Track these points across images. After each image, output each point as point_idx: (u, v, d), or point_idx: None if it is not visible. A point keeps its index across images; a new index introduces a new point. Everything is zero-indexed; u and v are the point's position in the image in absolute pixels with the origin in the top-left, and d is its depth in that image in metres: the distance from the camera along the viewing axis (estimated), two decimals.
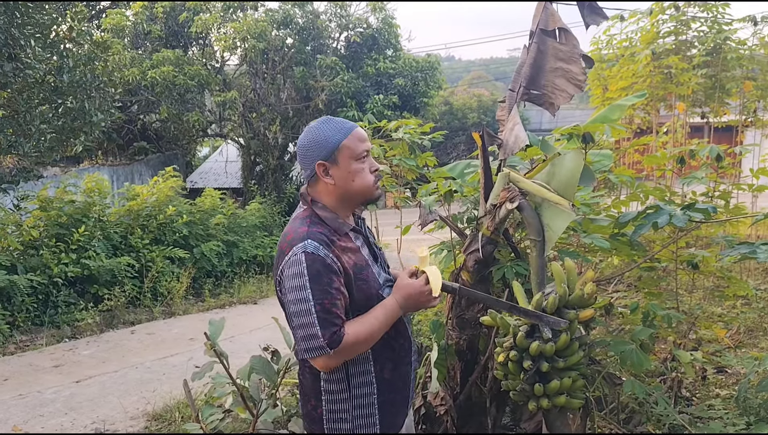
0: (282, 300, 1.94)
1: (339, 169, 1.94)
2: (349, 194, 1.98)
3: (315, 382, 1.98)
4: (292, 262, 1.83)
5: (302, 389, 2.06)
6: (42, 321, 7.14)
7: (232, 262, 10.18)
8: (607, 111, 3.53)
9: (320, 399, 1.97)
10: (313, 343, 1.80)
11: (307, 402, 2.03)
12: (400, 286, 1.98)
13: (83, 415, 4.70)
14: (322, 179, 1.94)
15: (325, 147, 1.92)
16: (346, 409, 1.95)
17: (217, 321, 3.07)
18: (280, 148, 14.07)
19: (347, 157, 1.94)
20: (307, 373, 2.00)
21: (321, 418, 1.97)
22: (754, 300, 5.97)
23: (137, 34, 13.03)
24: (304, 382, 2.04)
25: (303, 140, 1.97)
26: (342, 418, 1.96)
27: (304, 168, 1.98)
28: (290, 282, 1.83)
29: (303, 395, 2.06)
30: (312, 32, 12.95)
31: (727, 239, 3.22)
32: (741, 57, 7.98)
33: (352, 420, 1.96)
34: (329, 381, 1.95)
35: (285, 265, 1.85)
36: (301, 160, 1.99)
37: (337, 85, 12.48)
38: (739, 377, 4.20)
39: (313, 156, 1.93)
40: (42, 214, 7.99)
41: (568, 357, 2.36)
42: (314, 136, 1.94)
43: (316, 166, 1.93)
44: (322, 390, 1.96)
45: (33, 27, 6.36)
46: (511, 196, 2.56)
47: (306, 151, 1.95)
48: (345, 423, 1.96)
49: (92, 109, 7.22)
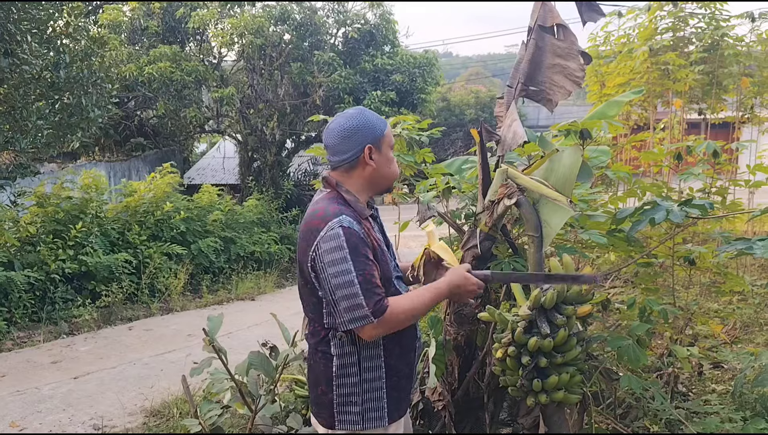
0: (316, 278, 1.95)
1: (380, 155, 2.05)
2: (380, 179, 2.08)
3: (327, 368, 2.01)
4: (329, 236, 1.88)
5: (312, 376, 2.09)
6: (39, 317, 7.13)
7: (230, 259, 10.18)
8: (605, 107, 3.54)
9: (331, 384, 2.01)
10: (358, 313, 1.86)
11: (316, 388, 2.07)
12: (457, 273, 2.07)
13: (81, 411, 4.71)
14: (366, 162, 2.02)
15: (374, 132, 2.02)
16: (357, 392, 2.00)
17: (215, 317, 3.08)
18: (278, 144, 14.04)
19: (387, 144, 2.07)
20: (320, 358, 2.04)
21: (331, 402, 2.02)
22: (750, 296, 5.99)
23: (134, 29, 12.97)
24: (315, 368, 2.07)
25: (349, 123, 2.01)
26: (352, 402, 2.00)
27: (344, 151, 2.02)
28: (330, 256, 1.87)
29: (313, 382, 2.09)
30: (309, 28, 12.90)
31: (724, 235, 3.24)
32: (738, 53, 7.99)
33: (362, 404, 2.01)
34: (341, 366, 2.00)
35: (321, 241, 1.89)
36: (343, 143, 2.02)
37: (335, 81, 12.45)
38: (735, 372, 4.22)
39: (362, 139, 2.01)
40: (39, 210, 7.97)
41: (566, 352, 2.37)
42: (363, 120, 2.02)
43: (366, 149, 2.01)
44: (334, 375, 2.00)
45: (29, 23, 6.34)
46: (509, 192, 2.56)
47: (354, 134, 2.01)
48: (355, 407, 2.01)
49: (89, 105, 7.20)
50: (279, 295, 9.51)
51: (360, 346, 1.99)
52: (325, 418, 2.06)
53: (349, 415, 2.01)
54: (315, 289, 1.98)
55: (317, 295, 1.98)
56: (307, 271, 1.97)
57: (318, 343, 2.05)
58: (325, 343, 2.02)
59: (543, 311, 2.36)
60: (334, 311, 1.93)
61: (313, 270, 1.94)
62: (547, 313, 2.36)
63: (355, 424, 2.02)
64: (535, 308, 2.36)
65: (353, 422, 2.02)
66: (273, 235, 11.41)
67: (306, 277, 2.00)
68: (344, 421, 2.02)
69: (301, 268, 2.02)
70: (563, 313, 2.34)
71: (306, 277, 2.00)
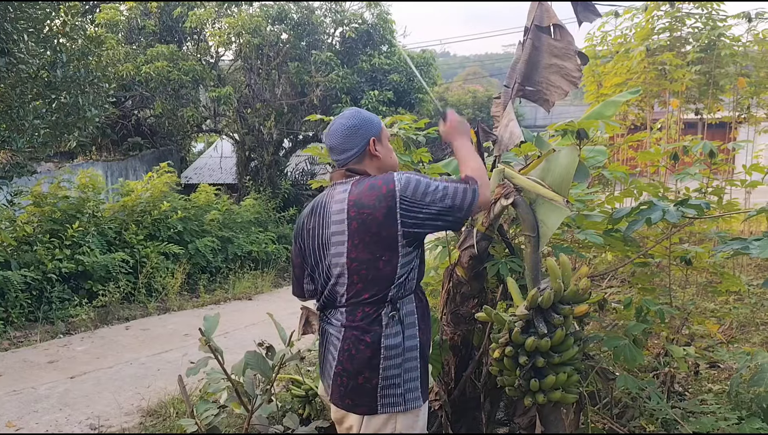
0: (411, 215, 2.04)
1: (382, 147, 2.26)
2: (386, 169, 2.25)
3: (374, 352, 2.07)
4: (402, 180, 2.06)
5: (352, 366, 2.10)
6: (36, 317, 7.12)
7: (227, 258, 10.17)
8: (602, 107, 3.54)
9: (377, 369, 2.07)
10: (465, 194, 2.08)
11: (357, 377, 2.09)
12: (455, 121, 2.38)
13: (78, 410, 4.70)
14: (372, 153, 2.21)
15: (373, 126, 2.23)
16: (400, 374, 2.10)
17: (212, 317, 3.07)
18: (275, 143, 14.04)
19: (385, 137, 2.30)
20: (366, 344, 2.08)
21: (375, 388, 2.08)
22: (746, 295, 6.01)
23: (131, 29, 12.95)
24: (357, 357, 2.09)
25: (350, 122, 2.20)
26: (396, 384, 2.09)
27: (352, 146, 2.20)
28: (410, 188, 2.05)
29: (354, 372, 2.10)
30: (307, 28, 12.90)
31: (720, 235, 3.24)
32: (735, 54, 8.01)
33: (404, 384, 2.11)
34: (388, 347, 2.07)
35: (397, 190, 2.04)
36: (347, 141, 2.20)
37: (332, 80, 12.45)
38: (732, 372, 4.23)
39: (365, 133, 2.21)
40: (36, 209, 7.96)
41: (563, 352, 2.37)
42: (363, 117, 2.23)
43: (370, 141, 2.21)
44: (382, 357, 2.07)
45: (26, 22, 6.32)
46: (506, 192, 2.56)
47: (357, 130, 2.20)
48: (398, 389, 2.09)
49: (86, 105, 7.18)
50: (276, 295, 9.50)
51: (404, 324, 2.11)
52: (365, 405, 2.10)
53: (391, 398, 2.09)
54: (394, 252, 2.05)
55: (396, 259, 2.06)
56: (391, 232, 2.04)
57: (367, 327, 2.09)
58: (377, 322, 2.08)
59: (540, 311, 2.37)
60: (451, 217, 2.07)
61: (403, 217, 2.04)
62: (545, 313, 2.37)
63: (397, 405, 2.09)
64: (533, 308, 2.36)
65: (395, 404, 2.09)
66: (270, 234, 11.40)
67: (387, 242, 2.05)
68: (387, 404, 2.09)
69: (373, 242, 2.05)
70: (560, 312, 2.35)
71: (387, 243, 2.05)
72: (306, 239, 2.26)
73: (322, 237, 2.17)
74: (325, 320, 2.26)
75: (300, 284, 2.41)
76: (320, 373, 2.33)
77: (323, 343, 2.26)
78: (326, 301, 2.23)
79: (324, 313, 2.27)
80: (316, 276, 2.26)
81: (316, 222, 2.20)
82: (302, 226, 2.29)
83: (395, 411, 2.09)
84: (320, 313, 2.31)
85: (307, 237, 2.25)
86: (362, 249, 2.06)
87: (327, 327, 2.23)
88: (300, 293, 2.45)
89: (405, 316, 2.12)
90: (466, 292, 2.96)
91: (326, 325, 2.23)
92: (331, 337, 2.18)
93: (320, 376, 2.33)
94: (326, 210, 2.16)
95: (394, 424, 2.11)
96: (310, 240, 2.23)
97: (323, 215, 2.17)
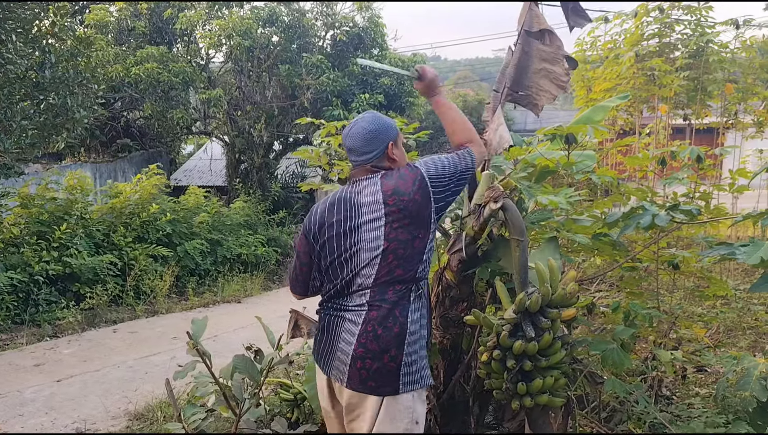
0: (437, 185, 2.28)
1: (399, 150, 2.40)
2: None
3: (402, 327, 2.18)
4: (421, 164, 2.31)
5: (379, 345, 2.17)
6: (22, 319, 7.05)
7: (216, 261, 10.13)
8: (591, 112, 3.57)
9: (403, 344, 2.17)
10: (464, 157, 2.37)
11: (381, 357, 2.16)
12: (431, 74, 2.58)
13: (64, 414, 4.66)
14: (392, 155, 2.35)
15: (392, 131, 2.38)
16: (419, 350, 2.23)
17: (200, 320, 3.06)
18: (265, 146, 14.01)
19: (400, 141, 2.45)
20: (394, 322, 2.18)
21: (399, 366, 2.16)
22: (733, 300, 6.04)
23: (121, 30, 12.87)
24: (384, 335, 2.17)
25: (372, 126, 2.35)
26: (416, 361, 2.20)
27: (372, 149, 2.33)
28: (431, 168, 2.29)
29: (380, 351, 2.17)
30: (298, 30, 12.89)
31: (707, 240, 3.26)
32: (723, 60, 8.07)
33: (420, 360, 2.23)
34: (413, 322, 2.21)
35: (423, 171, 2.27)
36: (367, 144, 2.33)
37: (323, 83, 12.44)
38: (719, 376, 4.25)
39: (385, 138, 2.34)
40: (23, 211, 7.90)
41: (550, 356, 2.38)
42: (382, 123, 2.38)
43: (389, 145, 2.34)
44: (408, 332, 2.19)
45: (14, 22, 6.28)
46: (495, 196, 2.57)
47: (379, 134, 2.34)
48: (416, 365, 2.21)
49: (75, 106, 7.13)
50: (265, 298, 9.47)
51: (424, 301, 2.29)
52: (389, 385, 2.16)
53: (412, 376, 2.18)
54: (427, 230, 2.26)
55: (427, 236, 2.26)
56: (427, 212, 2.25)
57: (397, 301, 2.20)
58: (407, 298, 2.22)
59: (528, 315, 2.37)
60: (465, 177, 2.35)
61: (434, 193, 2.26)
62: (532, 317, 2.37)
63: (415, 383, 2.20)
64: (521, 312, 2.37)
65: (414, 382, 2.19)
66: (260, 237, 11.36)
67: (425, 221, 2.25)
68: (408, 383, 2.17)
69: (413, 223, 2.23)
70: (548, 316, 2.35)
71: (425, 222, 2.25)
72: (328, 232, 2.33)
73: (351, 226, 2.28)
74: (336, 308, 2.31)
75: (305, 281, 2.45)
76: (322, 365, 2.33)
77: (330, 333, 2.30)
78: (341, 289, 2.30)
79: (334, 301, 2.33)
80: (333, 266, 2.32)
81: (341, 215, 2.31)
82: (321, 220, 2.36)
83: (414, 389, 2.19)
84: (327, 303, 2.37)
85: (329, 229, 2.32)
86: (401, 231, 2.21)
87: (340, 314, 2.28)
88: (303, 291, 2.49)
89: (424, 295, 2.30)
90: (455, 296, 2.96)
91: (339, 312, 2.29)
92: (345, 322, 2.25)
93: (322, 368, 2.33)
94: (353, 202, 2.30)
95: (411, 403, 2.20)
96: (334, 231, 2.31)
97: (350, 208, 2.30)
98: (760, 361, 2.75)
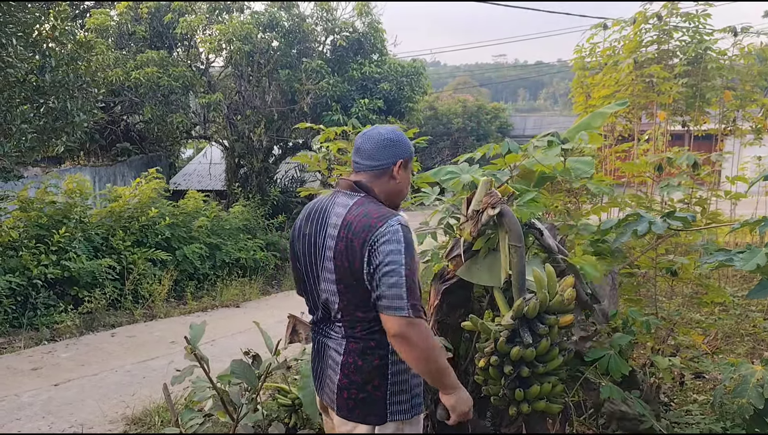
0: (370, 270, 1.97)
1: (405, 173, 2.17)
2: (395, 196, 2.19)
3: (382, 359, 2.06)
4: (390, 231, 1.96)
5: (361, 377, 2.07)
6: (20, 323, 7.04)
7: (215, 265, 10.11)
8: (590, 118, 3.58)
9: (386, 376, 2.07)
10: (397, 303, 1.94)
11: (365, 386, 2.07)
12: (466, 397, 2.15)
13: (61, 419, 4.65)
14: (393, 175, 2.13)
15: (408, 149, 2.17)
16: (408, 379, 2.10)
17: (198, 325, 3.06)
18: (265, 150, 14.02)
19: (410, 166, 2.21)
20: (372, 353, 2.06)
21: (384, 395, 2.07)
22: (731, 306, 6.05)
23: (121, 34, 12.90)
24: (365, 367, 2.06)
25: (390, 135, 2.14)
26: (404, 390, 2.10)
27: (381, 157, 2.12)
28: (387, 247, 1.94)
29: (362, 382, 2.07)
30: (298, 35, 12.92)
31: (705, 246, 3.27)
32: (721, 67, 8.09)
33: (411, 390, 2.12)
34: (395, 352, 2.04)
35: (379, 235, 1.95)
36: (380, 151, 2.12)
37: (323, 88, 12.47)
38: (717, 383, 4.25)
39: (398, 152, 2.13)
40: (22, 214, 7.89)
41: (548, 362, 2.38)
42: (401, 137, 2.16)
43: (399, 161, 2.13)
44: (390, 362, 2.06)
45: (15, 25, 6.29)
46: (493, 202, 2.57)
47: (392, 145, 2.13)
48: (406, 394, 2.10)
49: (74, 110, 7.15)
50: (264, 302, 9.46)
51: None
52: (375, 415, 2.08)
53: (400, 405, 2.09)
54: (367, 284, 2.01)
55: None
56: (359, 267, 1.98)
57: (370, 337, 2.06)
58: (380, 331, 2.03)
59: (526, 321, 2.38)
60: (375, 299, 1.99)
61: (368, 264, 1.97)
62: (530, 323, 2.37)
63: (406, 413, 2.10)
64: (518, 318, 2.37)
65: (404, 411, 2.09)
66: (259, 241, 11.35)
67: (357, 275, 2.00)
68: (396, 412, 2.08)
69: (350, 269, 2.00)
70: (546, 322, 2.36)
71: (357, 276, 2.00)
72: (301, 244, 2.18)
73: (317, 244, 2.11)
74: (321, 333, 2.21)
75: None
76: (316, 388, 2.29)
77: (320, 358, 2.22)
78: (323, 314, 2.17)
79: (320, 326, 2.22)
80: (308, 285, 2.19)
81: (313, 228, 2.13)
82: (299, 231, 2.22)
83: (404, 419, 2.10)
84: (315, 325, 2.25)
85: (302, 241, 2.17)
86: (345, 271, 2.02)
87: (324, 340, 2.18)
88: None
89: None
90: (453, 302, 2.97)
91: (323, 338, 2.19)
92: (330, 350, 2.14)
93: (316, 389, 2.29)
94: (325, 218, 2.10)
95: (401, 431, 2.11)
96: (307, 246, 2.15)
97: (321, 222, 2.11)
98: (758, 368, 2.75)
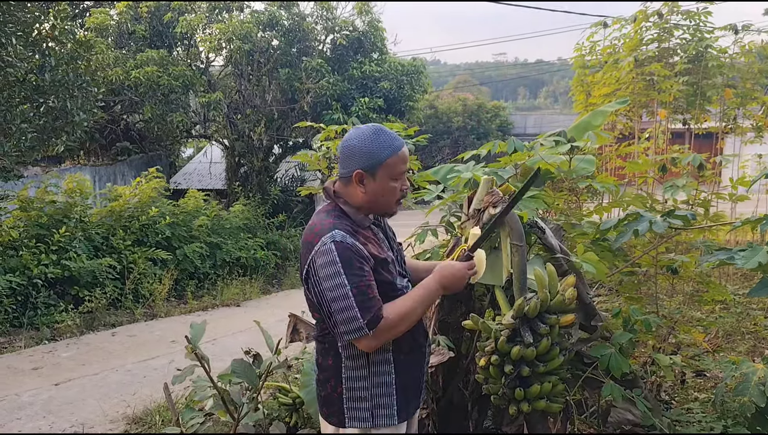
0: (313, 291, 1.96)
1: (374, 184, 1.99)
2: (370, 205, 2.03)
3: (337, 363, 2.04)
4: (322, 251, 1.89)
5: (323, 375, 2.10)
6: (21, 323, 7.04)
7: (215, 264, 10.12)
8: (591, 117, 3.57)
9: (341, 379, 2.03)
10: (353, 325, 1.88)
11: (325, 385, 2.08)
12: (443, 266, 2.08)
13: (62, 418, 4.65)
14: (357, 183, 1.99)
15: (371, 159, 1.96)
16: (366, 388, 2.02)
17: (198, 324, 3.05)
18: (265, 149, 14.02)
19: (387, 175, 1.99)
20: (331, 355, 2.05)
21: (341, 397, 2.04)
22: (732, 305, 6.04)
23: (121, 33, 12.89)
24: (323, 365, 2.09)
25: (351, 142, 1.99)
26: (362, 398, 2.02)
27: (343, 166, 2.01)
28: (324, 270, 1.88)
29: (321, 379, 2.11)
30: (298, 34, 12.91)
31: (706, 245, 3.27)
32: (722, 65, 8.08)
33: (371, 398, 2.03)
34: (350, 357, 2.01)
35: (315, 255, 1.90)
36: (342, 159, 2.01)
37: (323, 87, 12.46)
38: (718, 381, 4.25)
39: (355, 162, 1.97)
40: (22, 214, 7.89)
41: (548, 362, 2.38)
42: (363, 144, 1.96)
43: (354, 174, 1.97)
44: (343, 367, 2.02)
45: (15, 25, 6.29)
46: (494, 201, 2.57)
47: (350, 154, 1.98)
48: (364, 403, 2.03)
49: (74, 109, 7.14)
50: (264, 302, 9.46)
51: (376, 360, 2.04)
52: (335, 416, 2.07)
53: (359, 412, 2.03)
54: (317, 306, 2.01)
55: None
56: (306, 285, 2.00)
57: (324, 338, 2.08)
58: (335, 340, 2.03)
59: (526, 320, 2.37)
60: (329, 324, 1.96)
61: (308, 284, 1.98)
62: (531, 322, 2.37)
63: (365, 421, 2.03)
64: (519, 317, 2.37)
65: (364, 419, 2.03)
66: (259, 240, 11.36)
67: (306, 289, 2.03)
68: (355, 418, 2.03)
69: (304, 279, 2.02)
70: (546, 322, 2.35)
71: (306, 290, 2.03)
72: None
73: None
74: None
75: None
76: None
77: None
78: None
79: None
80: None
81: None
82: None
83: (365, 428, 2.03)
84: None
85: None
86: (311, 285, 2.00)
87: None
88: None
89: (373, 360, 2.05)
90: (454, 300, 2.96)
91: None
92: None
93: None
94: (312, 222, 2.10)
95: None
96: None
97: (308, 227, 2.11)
98: (759, 367, 2.75)
